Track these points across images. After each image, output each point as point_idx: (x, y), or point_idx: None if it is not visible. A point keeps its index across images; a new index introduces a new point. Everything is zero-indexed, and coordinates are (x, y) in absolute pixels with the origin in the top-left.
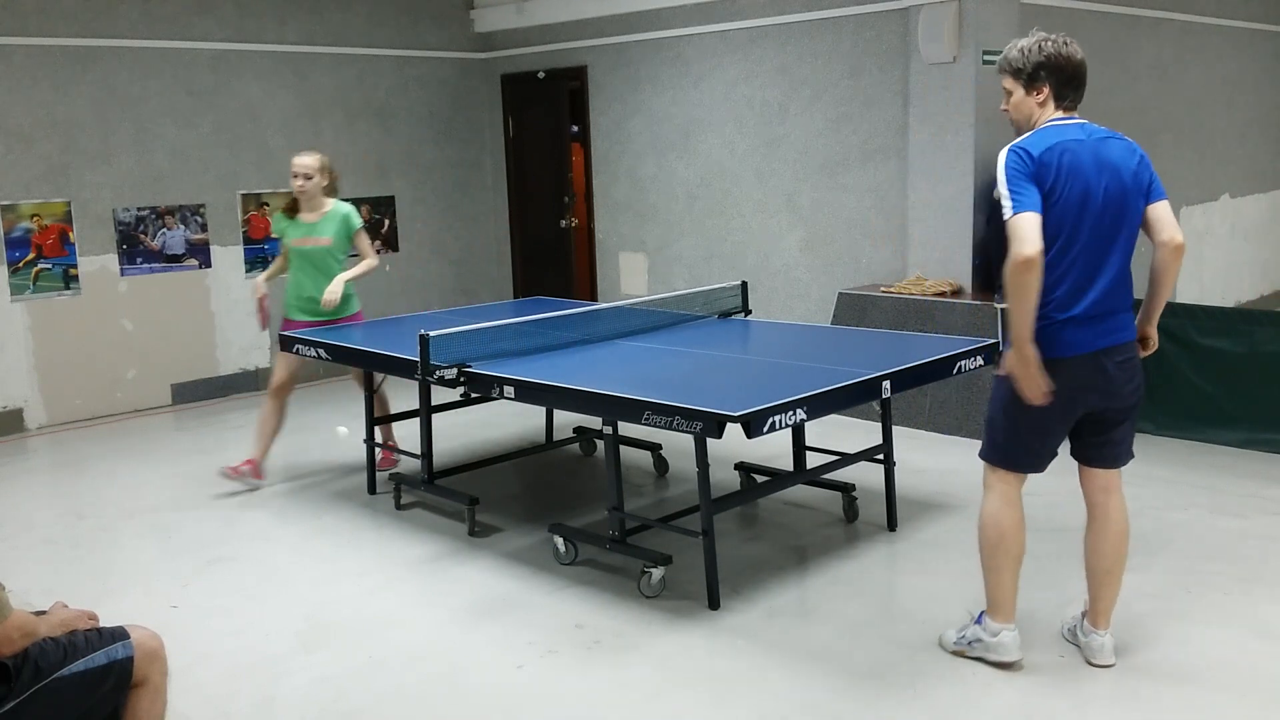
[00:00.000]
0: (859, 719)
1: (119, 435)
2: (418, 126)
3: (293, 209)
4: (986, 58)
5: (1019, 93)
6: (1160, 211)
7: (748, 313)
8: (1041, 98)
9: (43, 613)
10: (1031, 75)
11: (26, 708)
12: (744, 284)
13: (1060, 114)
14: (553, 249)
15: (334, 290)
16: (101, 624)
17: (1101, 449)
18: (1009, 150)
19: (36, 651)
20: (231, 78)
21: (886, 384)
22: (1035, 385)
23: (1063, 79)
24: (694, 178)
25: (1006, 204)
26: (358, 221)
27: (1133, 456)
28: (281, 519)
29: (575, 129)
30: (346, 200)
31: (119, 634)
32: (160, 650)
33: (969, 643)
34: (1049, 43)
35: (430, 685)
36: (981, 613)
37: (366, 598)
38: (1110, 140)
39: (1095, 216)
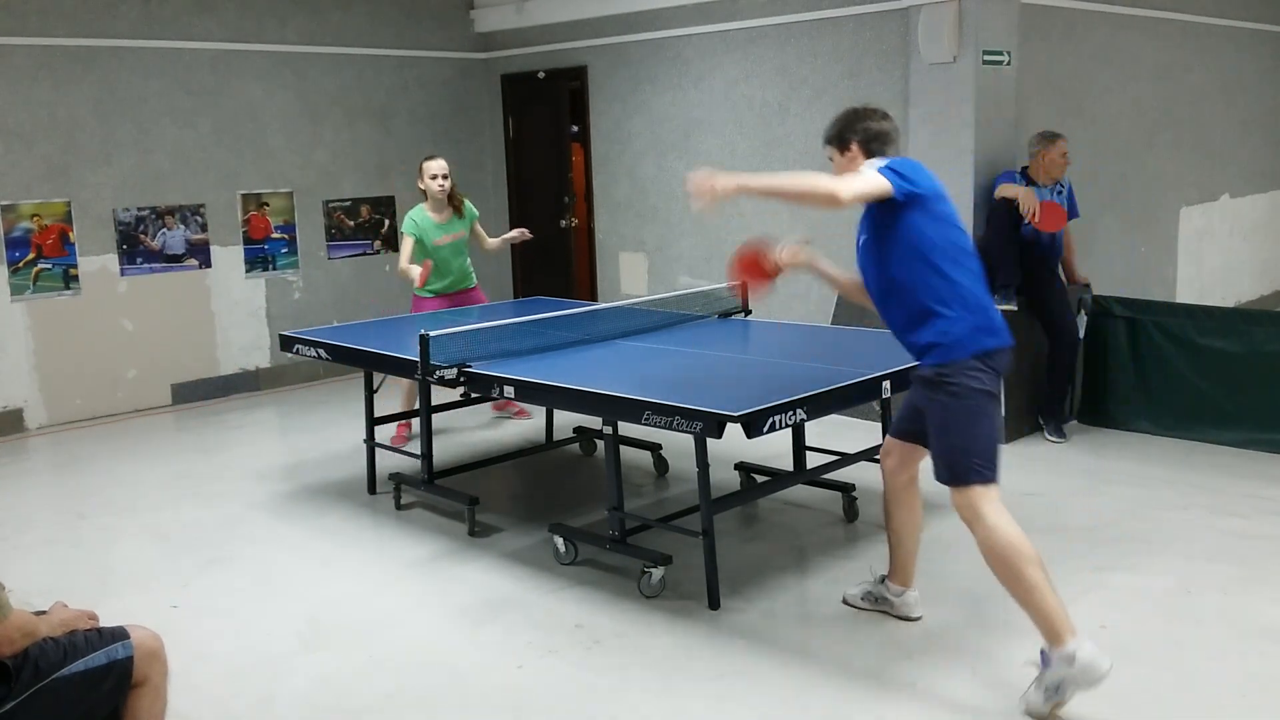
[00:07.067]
0: (859, 719)
1: (119, 435)
2: (418, 126)
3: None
4: (986, 58)
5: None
6: None
7: (747, 313)
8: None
9: (43, 613)
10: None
11: (26, 707)
12: (744, 284)
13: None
14: (553, 249)
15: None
16: (101, 624)
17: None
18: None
19: (37, 651)
20: (231, 78)
21: (886, 384)
22: None
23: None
24: None
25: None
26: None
27: None
28: (281, 519)
29: (575, 129)
30: (346, 201)
31: (119, 634)
32: (160, 650)
33: (1056, 688)
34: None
35: (430, 685)
36: (1042, 650)
37: (366, 598)
38: None
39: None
